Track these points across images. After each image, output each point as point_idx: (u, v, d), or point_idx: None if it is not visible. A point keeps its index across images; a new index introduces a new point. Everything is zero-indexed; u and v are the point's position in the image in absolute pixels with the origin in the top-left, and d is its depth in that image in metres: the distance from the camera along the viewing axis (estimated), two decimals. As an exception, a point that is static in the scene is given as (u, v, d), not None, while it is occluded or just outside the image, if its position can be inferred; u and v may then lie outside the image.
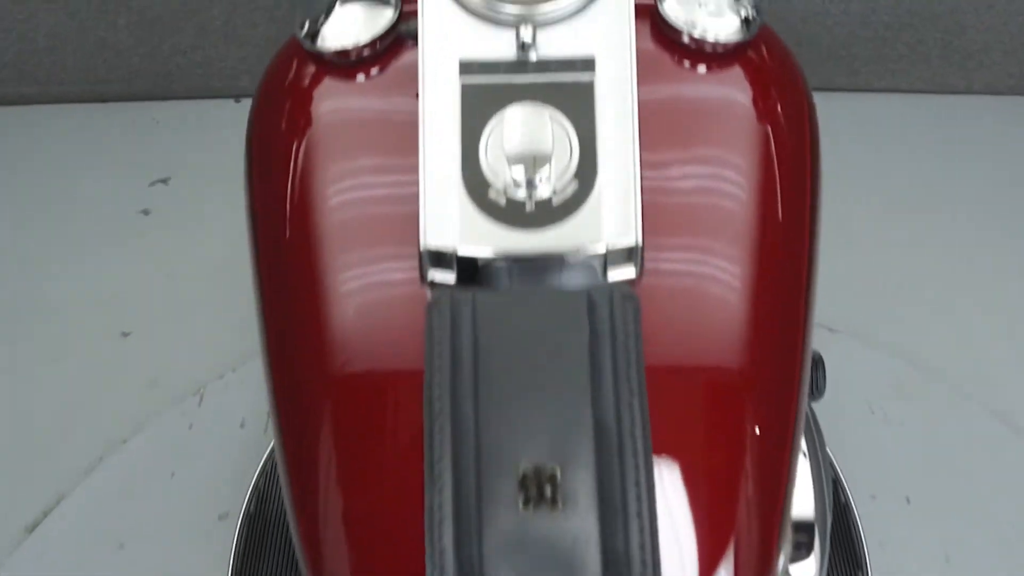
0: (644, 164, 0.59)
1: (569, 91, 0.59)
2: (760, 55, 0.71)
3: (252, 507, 1.16)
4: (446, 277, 0.58)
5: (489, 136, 0.58)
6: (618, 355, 0.51)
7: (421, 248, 0.57)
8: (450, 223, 0.56)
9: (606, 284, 0.57)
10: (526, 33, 0.60)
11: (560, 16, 0.61)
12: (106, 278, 1.76)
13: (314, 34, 0.69)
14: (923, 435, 1.52)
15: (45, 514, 1.44)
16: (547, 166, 0.55)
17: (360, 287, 0.63)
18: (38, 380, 1.62)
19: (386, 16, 0.69)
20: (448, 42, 0.61)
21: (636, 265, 0.58)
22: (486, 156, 0.57)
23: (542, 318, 0.53)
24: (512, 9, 0.61)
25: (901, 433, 1.52)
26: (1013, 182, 1.93)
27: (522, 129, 0.56)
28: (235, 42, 2.04)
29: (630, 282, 0.58)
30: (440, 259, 0.57)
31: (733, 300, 0.62)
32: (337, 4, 0.70)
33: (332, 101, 0.70)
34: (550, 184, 0.56)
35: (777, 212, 0.67)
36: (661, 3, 0.69)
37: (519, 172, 0.55)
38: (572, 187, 0.57)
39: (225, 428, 1.50)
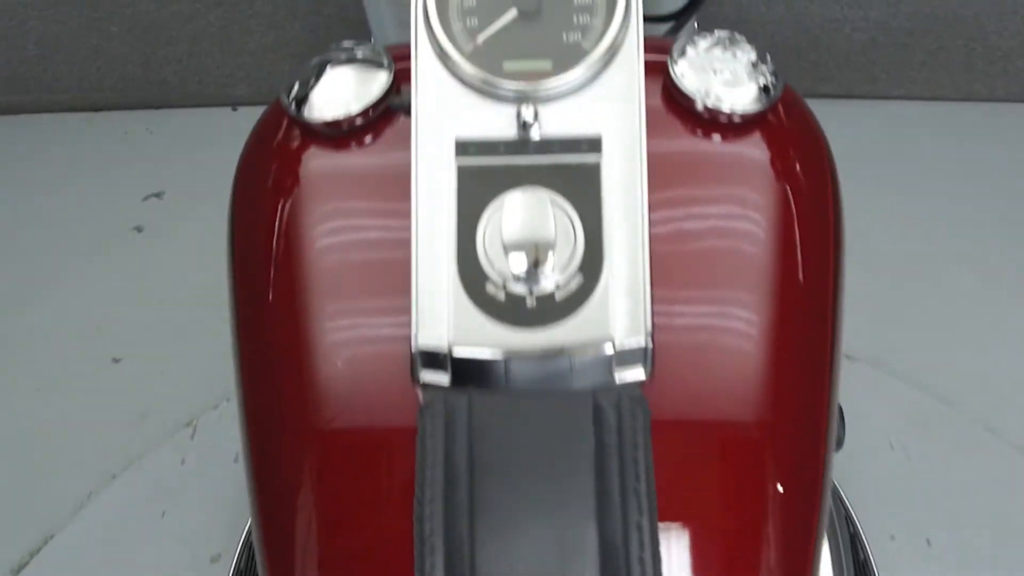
0: (658, 235, 0.56)
1: (574, 174, 0.54)
2: (779, 119, 0.64)
3: (243, 562, 1.08)
4: (439, 379, 0.52)
5: (487, 224, 0.53)
6: (626, 469, 0.48)
7: (412, 349, 0.52)
8: (444, 321, 0.52)
9: (614, 387, 0.52)
10: (527, 112, 0.54)
11: (564, 92, 0.56)
12: (97, 300, 1.68)
13: (302, 99, 0.62)
14: (945, 472, 1.44)
15: (32, 555, 1.36)
16: (550, 258, 0.51)
17: (345, 349, 0.58)
18: (24, 411, 1.54)
19: (379, 81, 0.62)
20: (443, 119, 0.55)
21: (646, 366, 0.52)
22: (484, 246, 0.52)
23: (544, 426, 0.49)
24: (513, 85, 0.55)
25: (922, 470, 1.44)
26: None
27: (523, 217, 0.51)
28: (232, 50, 1.95)
29: (640, 384, 0.52)
30: (433, 360, 0.52)
31: (755, 357, 0.58)
32: (328, 67, 0.63)
33: (320, 170, 0.64)
34: (553, 277, 0.51)
35: (798, 273, 0.62)
36: (673, 67, 0.62)
37: (519, 265, 0.50)
38: (577, 280, 0.52)
39: (219, 463, 1.42)
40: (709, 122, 0.62)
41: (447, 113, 0.55)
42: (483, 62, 0.55)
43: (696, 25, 0.81)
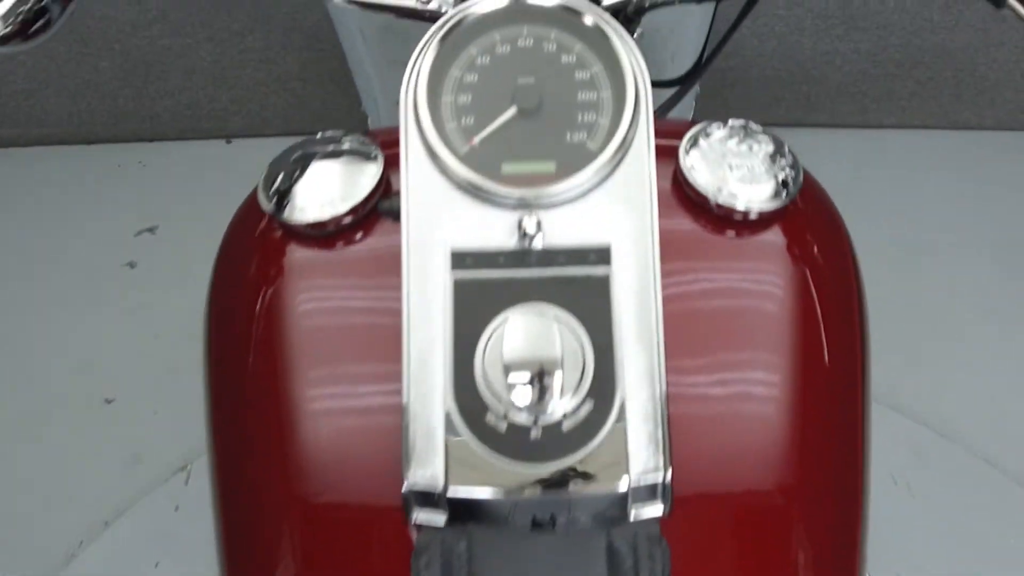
0: (674, 350, 0.50)
1: (581, 288, 0.48)
2: (798, 210, 0.59)
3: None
4: (435, 518, 0.46)
5: (486, 346, 0.46)
6: None
7: (404, 489, 0.46)
8: (439, 455, 0.45)
9: (629, 525, 0.46)
10: (529, 223, 0.48)
11: (569, 198, 0.49)
12: (88, 338, 1.61)
13: (283, 193, 0.56)
14: (948, 508, 1.40)
15: (21, 609, 1.30)
16: (556, 384, 0.44)
17: (329, 471, 0.54)
18: (13, 454, 1.47)
19: (368, 175, 0.57)
20: (436, 227, 0.49)
21: (665, 501, 0.47)
22: (483, 371, 0.46)
23: (552, 570, 0.45)
24: (513, 192, 0.49)
25: (926, 506, 1.40)
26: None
27: (525, 338, 0.45)
28: (225, 84, 1.90)
29: (658, 520, 0.47)
30: (427, 498, 0.46)
31: (785, 442, 0.55)
32: (311, 161, 0.57)
33: (303, 274, 0.58)
34: (560, 405, 0.45)
35: (825, 369, 0.58)
36: (684, 159, 0.57)
37: (522, 393, 0.44)
38: (586, 408, 0.45)
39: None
40: (723, 219, 0.57)
41: (440, 221, 0.49)
42: (480, 165, 0.49)
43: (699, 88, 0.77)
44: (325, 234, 0.57)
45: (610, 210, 0.49)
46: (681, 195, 0.58)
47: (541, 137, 0.50)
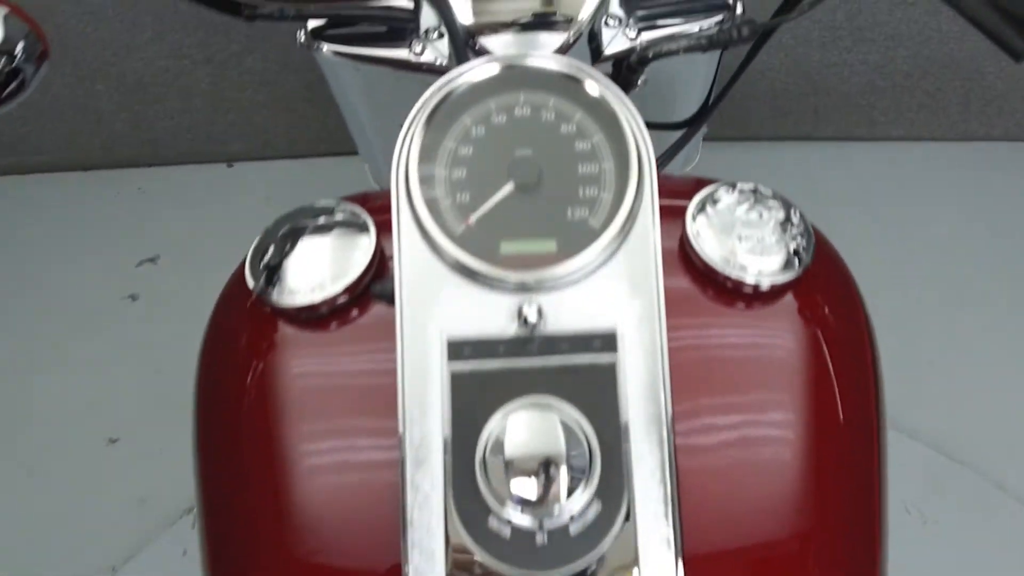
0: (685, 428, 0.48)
1: (585, 378, 0.45)
2: (810, 279, 0.56)
3: None
4: None
5: (487, 445, 0.43)
6: None
7: None
8: (439, 565, 0.43)
9: None
10: (530, 310, 0.45)
11: (571, 280, 0.46)
12: (90, 375, 1.56)
13: (272, 270, 0.54)
14: (961, 535, 1.37)
15: (28, 662, 1.26)
16: (562, 485, 0.42)
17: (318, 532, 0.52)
18: (16, 497, 1.42)
19: (361, 248, 0.54)
20: (432, 315, 0.46)
21: None
22: (484, 473, 0.43)
23: None
24: (512, 276, 0.46)
25: (939, 534, 1.37)
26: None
27: (528, 436, 0.43)
28: (223, 106, 1.84)
29: None
30: None
31: (806, 510, 0.53)
32: (300, 238, 0.55)
33: (293, 356, 0.56)
34: (566, 507, 0.43)
35: (842, 449, 0.56)
36: (691, 224, 0.54)
37: (527, 495, 0.42)
38: (594, 509, 0.43)
39: (224, 553, 1.32)
40: (733, 291, 0.54)
41: (436, 307, 0.46)
42: (476, 246, 0.46)
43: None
44: (317, 316, 0.54)
45: (614, 292, 0.46)
46: (687, 262, 0.55)
47: (540, 214, 0.47)
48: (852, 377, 0.58)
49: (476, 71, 0.50)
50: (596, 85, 0.49)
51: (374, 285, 0.53)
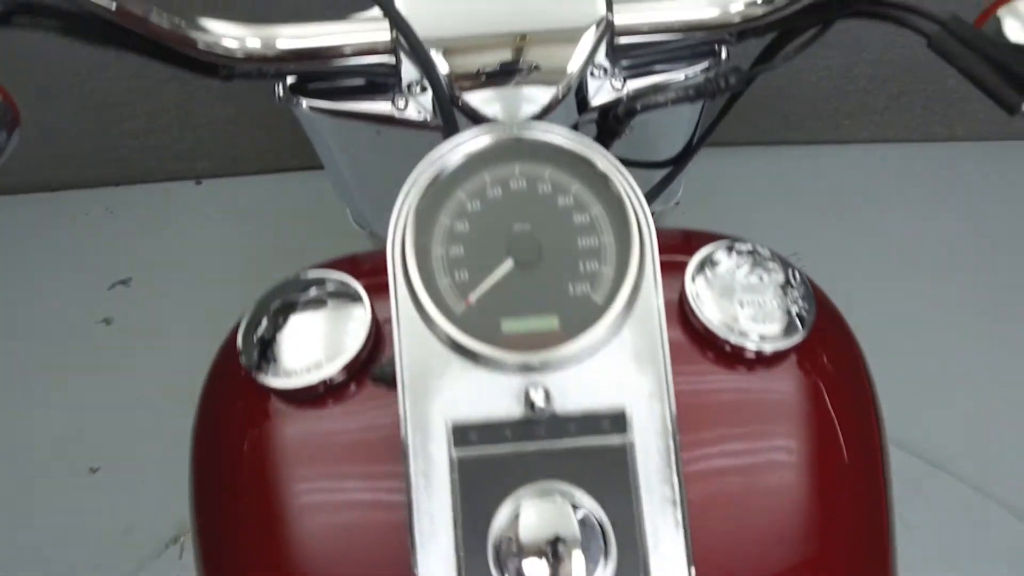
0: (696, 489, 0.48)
1: (596, 461, 0.44)
2: (813, 341, 0.55)
3: None
4: None
5: (499, 536, 0.42)
6: None
7: None
8: None
9: None
10: (537, 395, 0.44)
11: (576, 359, 0.45)
12: (67, 404, 1.54)
13: (265, 346, 0.52)
14: (942, 538, 1.40)
15: None
16: (576, 574, 0.41)
17: None
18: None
19: (356, 320, 0.53)
20: (436, 398, 0.44)
21: None
22: (497, 563, 0.42)
23: None
24: (515, 358, 0.44)
25: (920, 537, 1.40)
26: (1006, 233, 1.80)
27: (540, 525, 0.41)
28: (191, 123, 1.81)
29: None
30: None
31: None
32: (293, 314, 0.53)
33: (291, 437, 0.54)
34: None
35: (849, 510, 0.56)
36: (690, 285, 0.54)
37: None
38: None
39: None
40: (734, 356, 0.54)
41: (439, 391, 0.44)
42: (477, 326, 0.45)
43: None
44: (314, 395, 0.53)
45: (621, 368, 0.45)
46: (686, 323, 0.55)
47: (541, 290, 0.46)
48: (858, 433, 0.58)
49: (470, 141, 0.48)
50: (594, 158, 0.48)
51: (374, 370, 0.52)
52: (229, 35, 0.51)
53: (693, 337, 0.54)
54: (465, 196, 0.48)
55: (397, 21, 0.49)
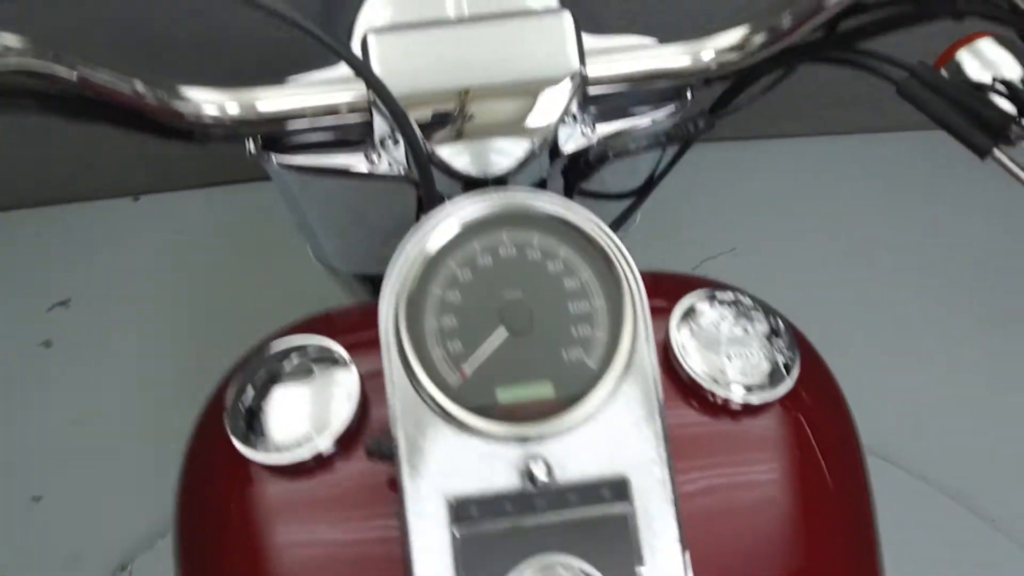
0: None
1: (598, 532, 0.44)
2: (799, 390, 0.56)
3: None
4: None
5: None
6: None
7: None
8: None
9: None
10: (538, 468, 0.44)
11: (573, 427, 0.45)
12: (7, 431, 1.51)
13: (251, 417, 0.52)
14: (917, 549, 1.43)
15: None
16: None
17: None
18: (-59, 569, 1.38)
19: (344, 386, 0.52)
20: (435, 472, 0.44)
21: None
22: None
23: None
24: (513, 431, 0.44)
25: (891, 544, 1.43)
26: (945, 224, 1.84)
27: None
28: (125, 138, 1.76)
29: None
30: None
31: None
32: (277, 386, 0.52)
33: (277, 510, 0.53)
34: None
35: (838, 521, 0.57)
36: (675, 334, 0.54)
37: None
38: None
39: (162, 612, 1.30)
40: (721, 407, 0.55)
41: (437, 465, 0.44)
42: (474, 397, 0.45)
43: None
44: (304, 468, 0.53)
45: (619, 433, 0.45)
46: (671, 373, 0.55)
47: (535, 357, 0.46)
48: (846, 477, 0.58)
49: (459, 212, 0.48)
50: (583, 225, 0.49)
51: (370, 445, 0.50)
52: (208, 101, 0.50)
53: (678, 387, 0.55)
54: (455, 265, 0.48)
55: (373, 82, 0.49)
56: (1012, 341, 1.69)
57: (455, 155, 0.52)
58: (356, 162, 0.56)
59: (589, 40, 0.53)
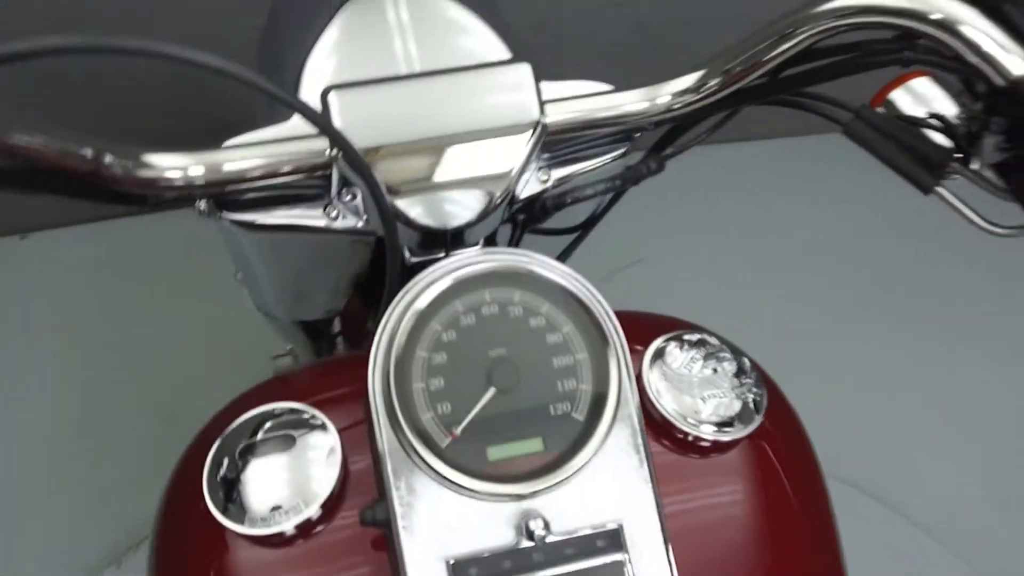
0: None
1: None
2: (765, 427, 0.58)
3: None
4: None
5: None
6: None
7: None
8: None
9: None
10: (536, 524, 0.44)
11: (566, 481, 0.47)
12: None
13: (229, 487, 0.50)
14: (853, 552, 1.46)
15: None
16: None
17: None
18: None
19: (321, 450, 0.51)
20: (432, 535, 0.45)
21: None
22: None
23: None
24: (506, 490, 0.46)
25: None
26: (853, 226, 1.88)
27: None
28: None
29: None
30: None
31: None
32: (255, 458, 0.50)
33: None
34: None
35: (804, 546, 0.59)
36: (648, 374, 0.56)
37: None
38: None
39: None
40: (692, 444, 0.56)
41: (433, 528, 0.45)
42: (465, 458, 0.46)
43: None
44: (288, 537, 0.51)
45: (609, 483, 0.47)
46: (646, 415, 0.56)
47: (523, 413, 0.48)
48: (811, 505, 0.61)
49: (449, 273, 0.49)
50: (563, 281, 0.50)
51: (364, 514, 0.48)
52: (173, 167, 0.48)
53: (652, 427, 0.56)
54: (440, 327, 0.49)
55: (338, 140, 0.48)
56: (932, 340, 1.74)
57: (412, 206, 0.52)
58: (313, 217, 0.55)
59: (547, 87, 0.54)
